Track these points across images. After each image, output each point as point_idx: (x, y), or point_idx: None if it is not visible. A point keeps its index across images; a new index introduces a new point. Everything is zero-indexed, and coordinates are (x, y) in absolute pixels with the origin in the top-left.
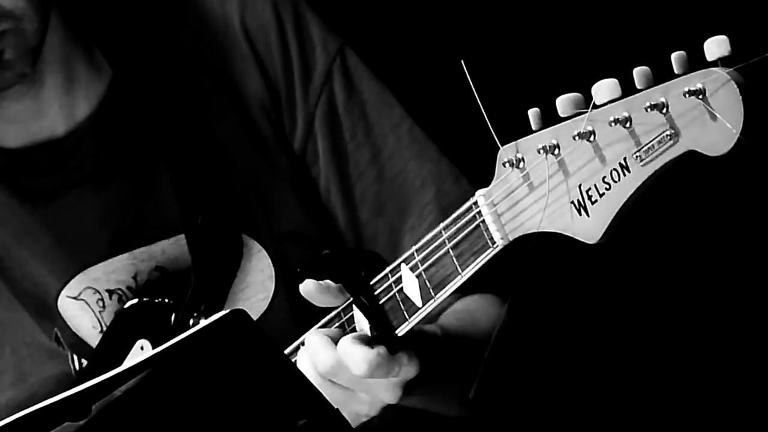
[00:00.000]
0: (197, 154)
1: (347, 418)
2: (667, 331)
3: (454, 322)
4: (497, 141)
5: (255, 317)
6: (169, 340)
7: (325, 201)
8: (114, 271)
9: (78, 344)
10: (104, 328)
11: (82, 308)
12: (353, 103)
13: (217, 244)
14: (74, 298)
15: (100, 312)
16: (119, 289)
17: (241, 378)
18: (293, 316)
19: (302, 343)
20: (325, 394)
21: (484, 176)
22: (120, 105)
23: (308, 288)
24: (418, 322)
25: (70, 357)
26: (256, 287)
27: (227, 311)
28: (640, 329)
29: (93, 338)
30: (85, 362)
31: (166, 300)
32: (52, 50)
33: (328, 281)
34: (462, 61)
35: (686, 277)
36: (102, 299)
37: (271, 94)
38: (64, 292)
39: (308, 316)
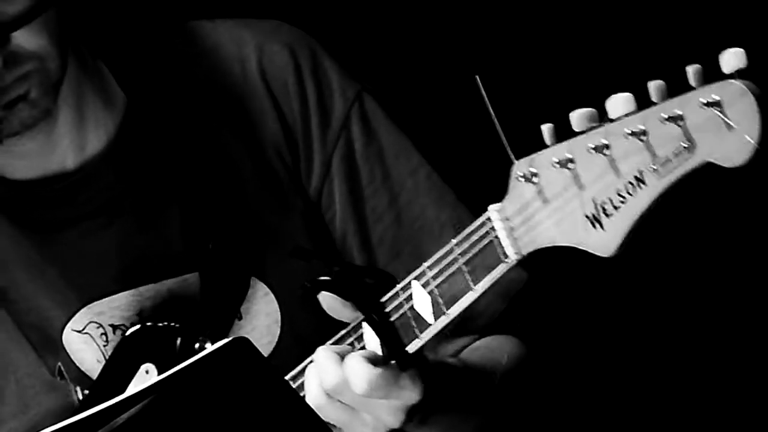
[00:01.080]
0: (209, 191)
1: None
2: (680, 341)
3: (474, 357)
4: (511, 156)
5: None
6: (174, 363)
7: (340, 244)
8: (119, 306)
9: (81, 378)
10: None
11: (87, 342)
12: (371, 149)
13: (225, 271)
14: (79, 331)
15: (104, 347)
16: (123, 324)
17: (244, 406)
18: (299, 362)
19: (311, 362)
20: (330, 414)
21: (498, 191)
22: (132, 141)
23: (326, 296)
24: (430, 339)
25: (72, 389)
26: (261, 331)
27: (230, 339)
28: (654, 341)
29: (97, 372)
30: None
31: (171, 324)
32: (68, 86)
33: None
34: (477, 77)
35: (702, 289)
36: (105, 334)
37: (287, 136)
38: (69, 326)
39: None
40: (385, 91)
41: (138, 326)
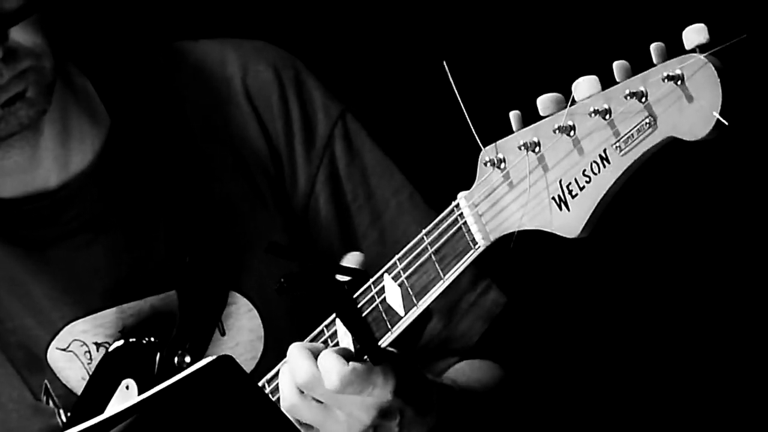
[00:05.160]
0: (193, 210)
1: None
2: (650, 324)
3: (461, 377)
4: (479, 143)
5: None
6: (154, 378)
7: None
8: (102, 324)
9: (67, 396)
10: None
11: (71, 360)
12: (354, 168)
13: (202, 286)
14: (63, 350)
15: (87, 364)
16: (107, 342)
17: (228, 424)
18: None
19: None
20: (303, 413)
21: (467, 179)
22: (116, 159)
23: None
24: (401, 332)
25: (56, 412)
26: (245, 346)
27: (214, 357)
28: (624, 324)
29: (82, 390)
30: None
31: (151, 339)
32: (54, 101)
33: None
34: (444, 63)
35: (673, 271)
36: (89, 351)
37: (272, 153)
38: (53, 344)
39: None
40: (348, 79)
41: (119, 343)
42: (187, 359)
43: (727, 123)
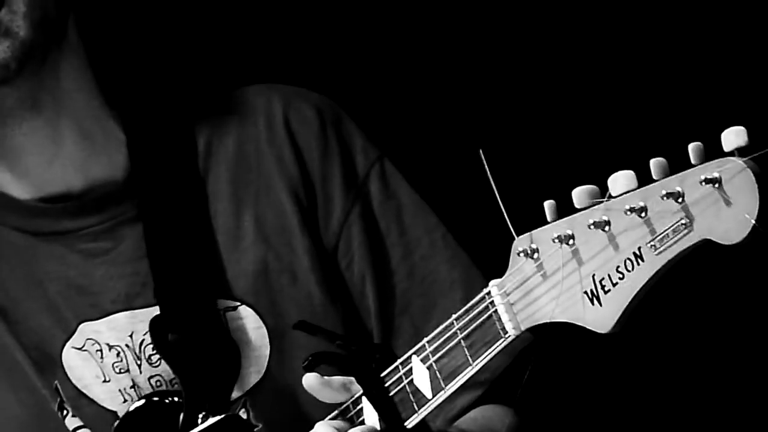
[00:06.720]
0: (207, 234)
1: None
2: (679, 419)
3: (473, 427)
4: (513, 232)
5: (246, 388)
6: None
7: (359, 288)
8: (115, 327)
9: (77, 398)
10: (107, 379)
11: (86, 359)
12: (389, 205)
13: (196, 354)
14: (79, 348)
15: (99, 362)
16: (118, 345)
17: None
18: (284, 393)
19: None
20: None
21: (499, 267)
22: (140, 172)
23: (310, 381)
24: (428, 414)
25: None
26: (250, 360)
27: (221, 417)
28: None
29: (95, 388)
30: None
31: (174, 399)
32: (74, 106)
33: (333, 377)
34: (480, 151)
35: (700, 366)
36: (101, 350)
37: (305, 182)
38: (69, 343)
39: (297, 396)
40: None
41: (140, 402)
42: (210, 420)
43: (763, 229)
